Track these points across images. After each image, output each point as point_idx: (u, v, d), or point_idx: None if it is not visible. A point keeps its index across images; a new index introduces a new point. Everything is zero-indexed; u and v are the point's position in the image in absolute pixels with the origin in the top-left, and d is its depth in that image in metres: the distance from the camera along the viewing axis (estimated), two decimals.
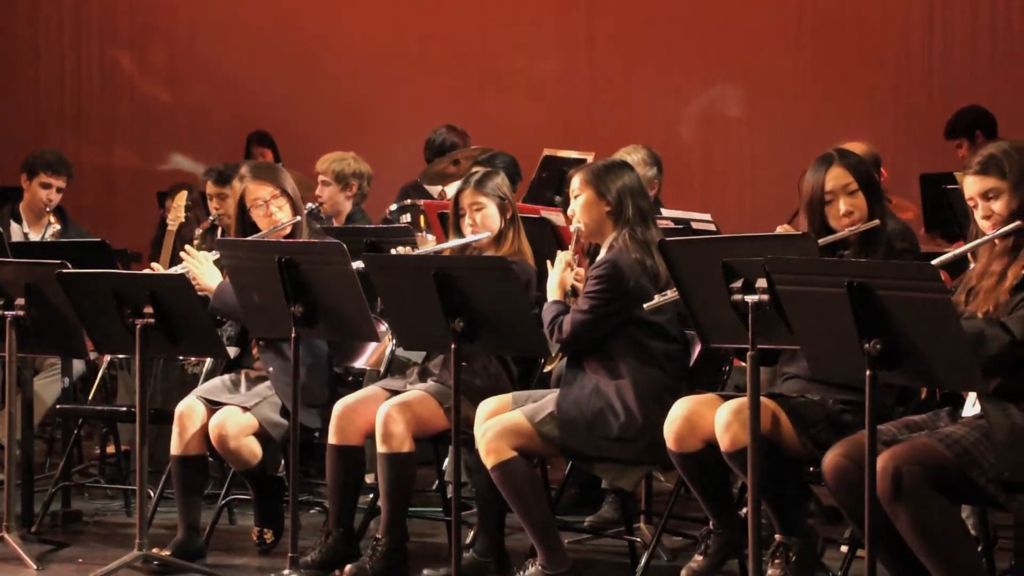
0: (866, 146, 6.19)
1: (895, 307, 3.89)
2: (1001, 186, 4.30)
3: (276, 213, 5.78)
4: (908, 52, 10.46)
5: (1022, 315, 4.15)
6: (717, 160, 10.72)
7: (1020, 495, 4.10)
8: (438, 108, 9.91)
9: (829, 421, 4.66)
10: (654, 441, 4.91)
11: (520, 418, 5.09)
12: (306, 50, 11.02)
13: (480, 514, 5.36)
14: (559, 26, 10.84)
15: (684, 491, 5.23)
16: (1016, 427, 4.13)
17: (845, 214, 4.77)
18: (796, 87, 10.50)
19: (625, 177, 5.22)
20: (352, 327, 5.16)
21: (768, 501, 4.66)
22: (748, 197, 10.51)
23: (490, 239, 5.50)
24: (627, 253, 5.09)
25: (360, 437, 5.44)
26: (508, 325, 4.87)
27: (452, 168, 7.81)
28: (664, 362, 5.12)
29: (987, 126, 8.43)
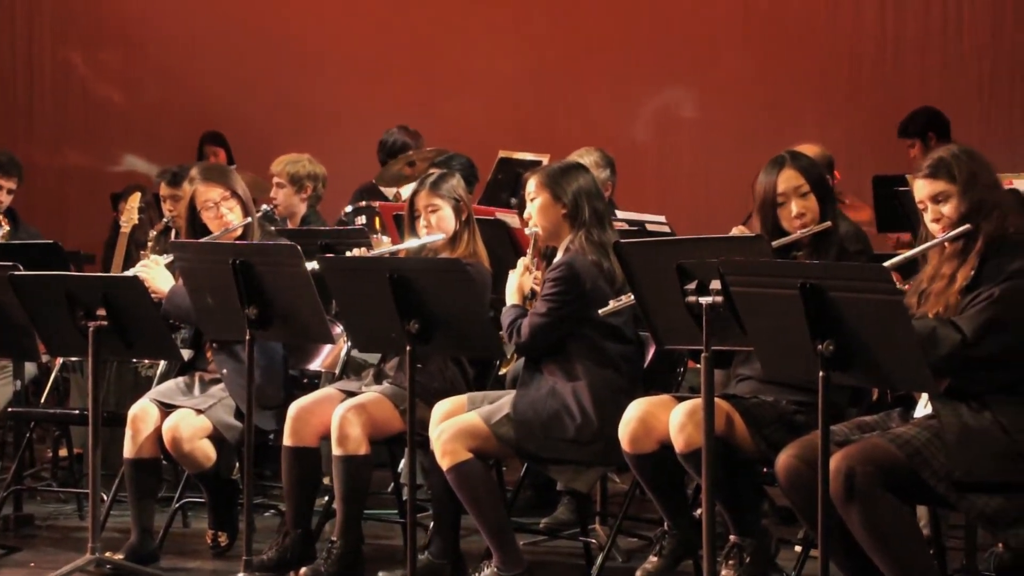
0: (818, 148, 6.23)
1: (847, 308, 3.91)
2: (951, 189, 4.33)
3: (227, 215, 5.76)
4: (860, 54, 10.54)
5: (972, 315, 4.19)
6: (671, 162, 10.75)
7: (970, 495, 4.13)
8: (393, 109, 9.90)
9: (782, 422, 4.69)
10: (609, 443, 4.92)
11: (476, 420, 5.09)
12: (260, 51, 10.98)
13: (435, 516, 5.36)
14: (514, 28, 10.85)
15: (639, 492, 5.25)
16: (967, 427, 4.16)
17: (797, 216, 4.80)
18: (749, 89, 10.55)
19: (581, 179, 5.23)
20: (307, 329, 5.15)
21: (722, 502, 4.68)
22: (702, 199, 10.54)
23: (445, 241, 5.50)
24: (584, 255, 5.10)
25: (315, 439, 5.43)
26: (463, 327, 4.87)
27: (408, 170, 7.81)
28: (620, 363, 5.13)
29: (940, 128, 8.49)
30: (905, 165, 7.88)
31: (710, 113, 10.69)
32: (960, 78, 10.31)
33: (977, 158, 4.39)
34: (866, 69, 10.52)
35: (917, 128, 8.53)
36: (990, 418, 4.18)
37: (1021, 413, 4.19)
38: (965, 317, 4.19)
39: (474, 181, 7.64)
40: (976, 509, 4.15)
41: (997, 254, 4.25)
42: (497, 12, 10.85)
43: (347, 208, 7.52)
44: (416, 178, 6.61)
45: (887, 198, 7.33)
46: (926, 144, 8.37)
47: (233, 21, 11.08)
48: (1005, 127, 10.33)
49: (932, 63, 10.44)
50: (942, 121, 8.54)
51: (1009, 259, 4.22)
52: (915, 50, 10.46)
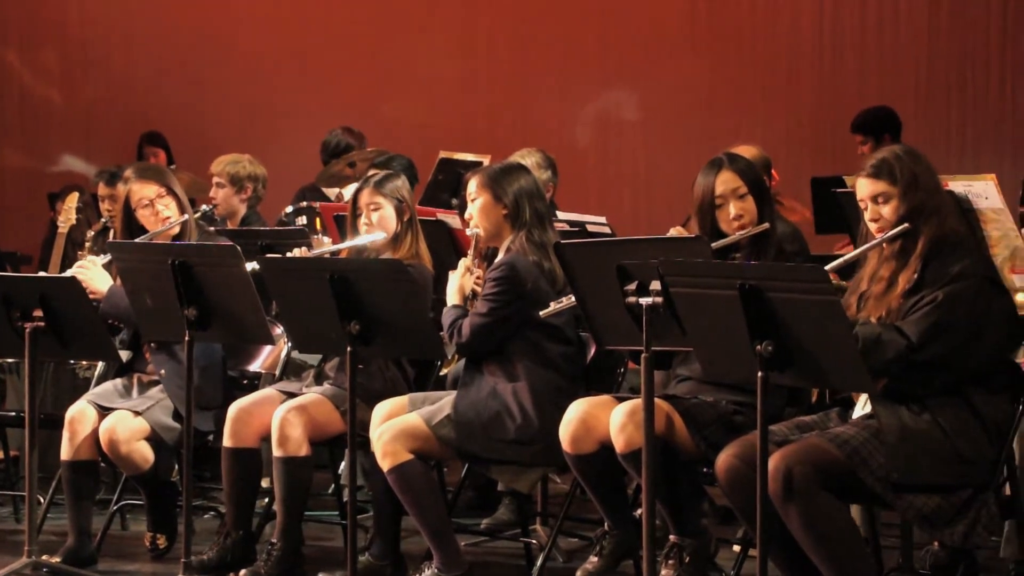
0: (756, 150, 6.26)
1: (786, 309, 3.93)
2: (891, 191, 4.36)
3: (163, 212, 5.73)
4: (799, 57, 10.62)
5: (917, 319, 4.21)
6: (612, 163, 10.79)
7: (908, 495, 4.17)
8: (335, 110, 9.87)
9: (722, 422, 4.71)
10: (550, 443, 4.93)
11: (417, 421, 5.09)
12: (200, 50, 10.92)
13: (376, 517, 5.35)
14: (456, 29, 10.85)
15: (580, 493, 5.26)
16: (906, 428, 4.20)
17: (735, 218, 4.83)
18: (690, 91, 10.60)
19: (522, 180, 5.24)
20: (246, 330, 5.12)
21: (662, 502, 4.70)
22: (643, 200, 10.59)
23: (387, 241, 5.49)
24: (524, 255, 5.11)
25: (255, 439, 5.40)
26: (404, 328, 4.86)
27: (348, 170, 7.79)
28: (560, 364, 5.14)
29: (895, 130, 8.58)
30: (843, 166, 7.94)
31: (651, 115, 10.73)
32: (897, 79, 10.41)
33: (921, 160, 4.42)
34: (804, 71, 10.61)
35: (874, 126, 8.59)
36: (929, 420, 4.21)
37: (960, 415, 4.22)
38: (909, 322, 4.22)
39: (414, 182, 7.63)
40: (914, 509, 4.19)
41: (938, 257, 4.29)
42: (439, 13, 10.85)
43: (288, 208, 7.49)
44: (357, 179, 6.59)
45: (825, 199, 7.38)
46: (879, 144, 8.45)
47: (173, 21, 11.00)
48: (942, 128, 10.44)
49: (869, 64, 10.53)
50: (896, 122, 8.63)
51: (950, 262, 4.25)
52: (852, 52, 10.55)
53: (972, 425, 4.22)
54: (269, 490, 5.55)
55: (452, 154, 7.70)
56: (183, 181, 6.00)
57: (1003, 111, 10.49)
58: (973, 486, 4.20)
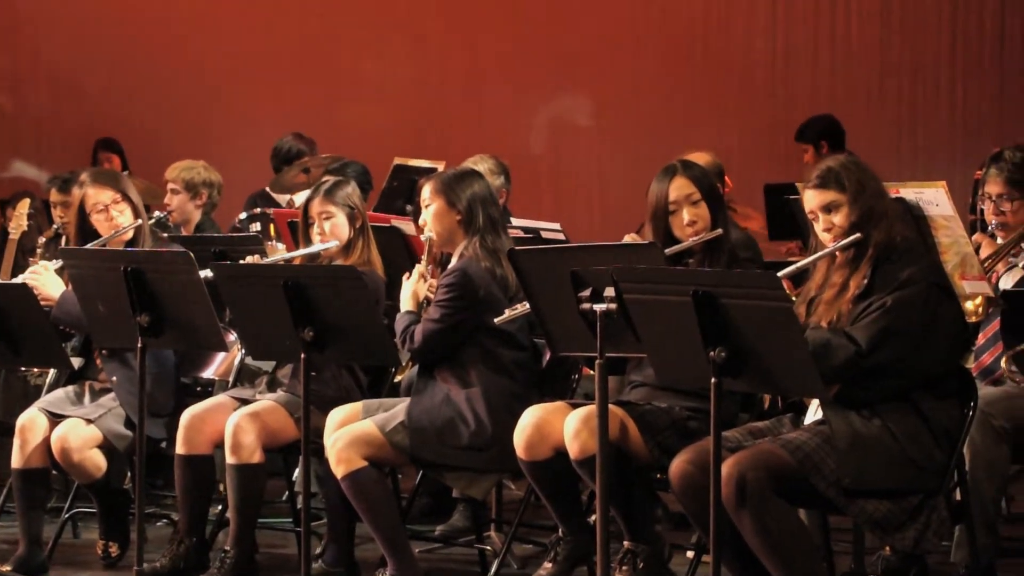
0: (710, 156, 6.28)
1: (739, 315, 3.95)
2: (840, 199, 4.39)
3: (117, 218, 5.71)
4: (752, 64, 10.68)
5: (866, 324, 4.24)
6: (567, 169, 10.81)
7: (859, 500, 4.20)
8: (287, 116, 9.84)
9: (675, 428, 4.73)
10: (504, 449, 4.93)
11: (370, 427, 5.08)
12: (154, 56, 10.86)
13: (330, 524, 5.34)
14: (410, 34, 10.84)
15: (534, 499, 5.26)
16: (857, 434, 4.22)
17: (689, 224, 4.85)
18: (644, 98, 10.64)
19: (475, 186, 5.25)
20: (200, 337, 5.10)
21: (616, 508, 4.71)
22: (597, 207, 10.62)
23: (339, 248, 5.48)
24: (477, 262, 5.11)
25: (208, 446, 5.38)
26: (358, 334, 4.85)
27: (302, 177, 7.77)
28: (514, 370, 5.15)
29: (834, 136, 8.63)
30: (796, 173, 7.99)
31: (605, 121, 10.76)
32: (849, 87, 10.49)
33: (864, 168, 4.46)
34: (757, 78, 10.67)
35: (813, 134, 8.66)
36: (880, 425, 4.24)
37: (910, 421, 4.25)
38: (859, 327, 4.25)
39: (368, 188, 7.62)
40: (865, 514, 4.21)
41: (887, 262, 4.31)
42: (392, 19, 10.84)
43: (241, 215, 7.47)
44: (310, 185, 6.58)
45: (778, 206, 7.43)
46: (818, 151, 8.50)
47: (126, 27, 10.94)
48: (894, 135, 10.53)
49: (822, 72, 10.61)
50: (838, 130, 8.68)
51: (899, 267, 4.28)
52: (805, 60, 10.62)
53: (922, 430, 4.26)
54: (222, 497, 5.53)
55: (406, 160, 7.70)
56: (137, 187, 5.97)
57: (954, 119, 10.59)
58: (923, 491, 4.23)
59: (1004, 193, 5.21)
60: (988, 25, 10.55)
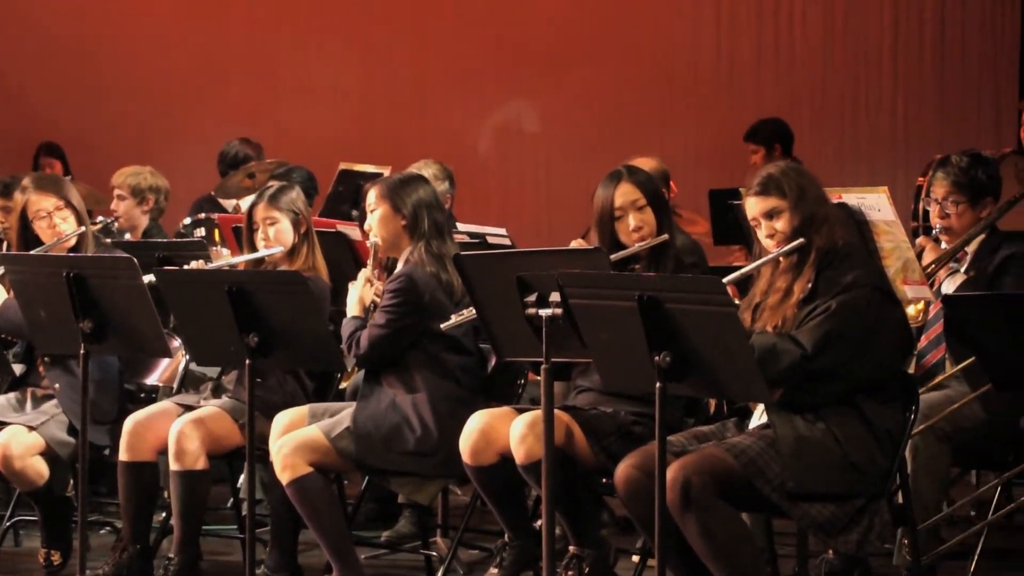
0: (655, 162, 6.31)
1: (684, 320, 3.97)
2: (782, 205, 4.41)
3: (60, 225, 5.67)
4: (697, 70, 10.74)
5: (811, 328, 4.26)
6: (513, 175, 10.83)
7: (803, 503, 4.22)
8: (233, 120, 9.81)
9: (621, 433, 4.74)
10: (450, 455, 4.93)
11: (316, 433, 5.06)
12: (97, 60, 10.79)
13: (274, 530, 5.32)
14: (357, 39, 10.83)
15: (480, 504, 5.26)
16: (801, 438, 4.25)
17: (635, 229, 4.87)
18: (590, 103, 10.68)
19: (421, 191, 5.24)
20: (143, 343, 5.07)
21: (562, 512, 4.71)
22: (544, 212, 10.64)
23: (283, 254, 5.46)
24: (422, 267, 5.11)
25: (152, 453, 5.35)
26: (303, 340, 4.84)
27: (248, 182, 7.74)
28: (460, 375, 5.15)
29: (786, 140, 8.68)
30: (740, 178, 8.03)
31: (551, 127, 10.78)
32: (793, 93, 10.57)
33: (804, 173, 4.50)
34: (703, 84, 10.73)
35: (765, 136, 8.69)
36: (823, 429, 4.26)
37: (853, 424, 4.28)
38: (804, 330, 4.27)
39: (314, 193, 7.60)
40: (808, 517, 4.24)
41: (830, 267, 4.34)
42: (338, 23, 10.82)
43: (185, 220, 7.43)
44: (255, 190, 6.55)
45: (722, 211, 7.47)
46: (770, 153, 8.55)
47: (68, 31, 10.86)
48: (837, 141, 10.61)
49: (765, 79, 10.68)
50: (789, 135, 8.73)
51: (843, 272, 4.31)
52: (749, 66, 10.69)
53: (865, 434, 4.29)
54: (166, 504, 5.50)
55: (352, 165, 7.68)
56: (80, 193, 5.93)
57: (896, 125, 10.69)
58: (866, 494, 4.26)
59: (950, 197, 5.26)
60: (929, 35, 10.66)
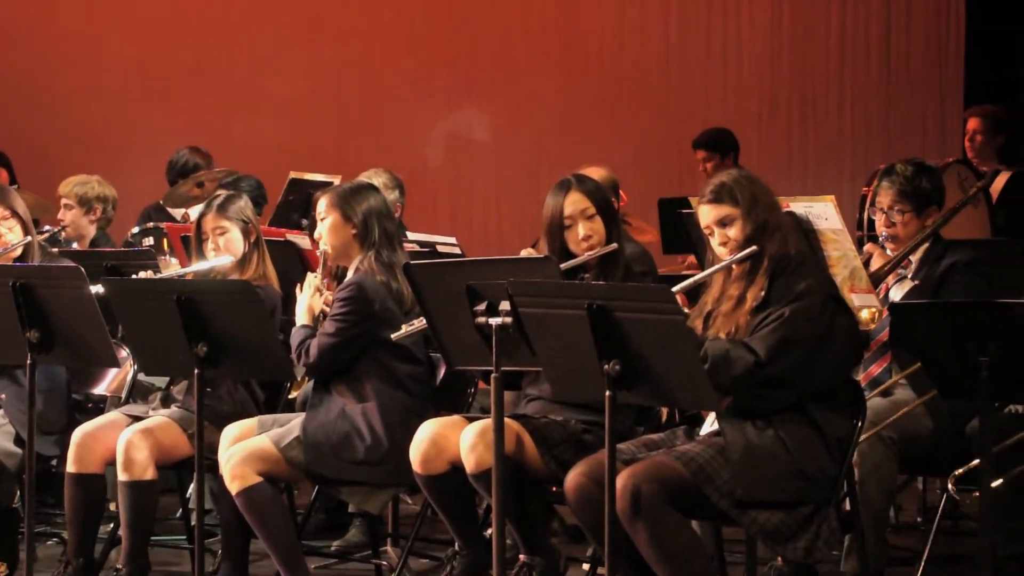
0: (604, 171, 6.33)
1: (633, 329, 3.98)
2: (735, 213, 4.44)
3: (6, 235, 5.64)
4: (646, 80, 10.78)
5: (764, 335, 4.29)
6: (463, 184, 10.83)
7: (752, 511, 4.24)
8: (182, 129, 9.76)
9: (571, 441, 4.75)
10: (400, 464, 4.93)
11: (266, 443, 5.05)
12: (44, 68, 10.70)
13: (224, 541, 5.29)
14: (306, 47, 10.80)
15: (430, 513, 5.26)
16: (750, 445, 4.27)
17: (584, 238, 4.88)
18: (539, 112, 10.70)
19: (371, 199, 5.24)
20: (91, 352, 5.04)
21: (512, 521, 4.72)
22: (494, 221, 10.65)
23: (234, 263, 5.45)
24: (373, 276, 5.10)
25: (100, 465, 5.31)
26: (252, 349, 4.82)
27: (196, 191, 7.71)
28: (410, 384, 5.14)
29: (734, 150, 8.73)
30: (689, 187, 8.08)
31: (501, 136, 10.80)
32: (741, 103, 10.63)
33: (756, 181, 4.52)
34: (651, 94, 10.77)
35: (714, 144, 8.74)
36: (773, 436, 4.28)
37: (803, 432, 4.30)
38: (757, 337, 4.29)
39: (263, 202, 7.59)
40: (757, 525, 4.26)
41: (783, 274, 4.37)
42: (287, 32, 10.79)
43: (134, 229, 7.39)
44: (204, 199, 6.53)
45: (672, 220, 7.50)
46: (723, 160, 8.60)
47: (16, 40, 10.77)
48: (784, 150, 10.68)
49: (714, 88, 10.74)
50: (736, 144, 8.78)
51: (796, 279, 4.34)
52: (698, 76, 10.75)
53: (815, 441, 4.31)
54: (115, 515, 5.46)
55: (302, 174, 7.67)
56: (27, 202, 5.89)
57: (842, 134, 10.78)
58: (814, 502, 4.29)
59: (895, 206, 5.30)
60: (875, 45, 10.75)
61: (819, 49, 10.76)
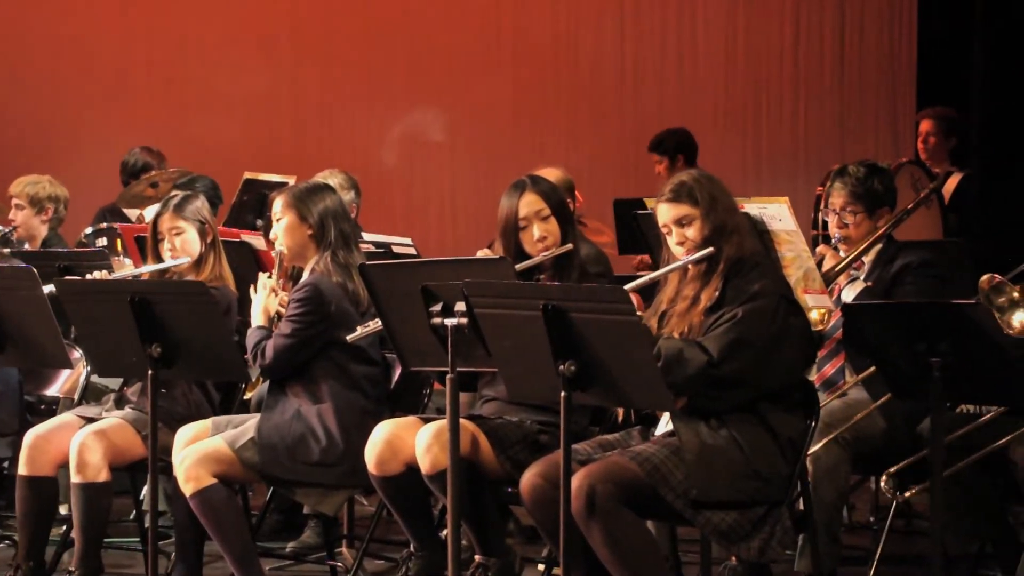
0: (560, 171, 6.34)
1: (588, 329, 3.99)
2: (693, 213, 4.45)
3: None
4: (601, 81, 10.80)
5: (717, 335, 4.30)
6: (419, 184, 10.81)
7: (706, 511, 4.26)
8: (136, 129, 9.70)
9: (526, 442, 4.76)
10: (355, 465, 4.92)
11: (220, 444, 5.03)
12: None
13: (178, 543, 5.26)
14: (261, 47, 10.75)
15: (386, 514, 5.26)
16: (705, 445, 4.28)
17: (539, 239, 4.89)
18: (496, 113, 10.70)
19: (327, 200, 5.23)
20: (44, 354, 5.02)
21: (467, 522, 4.72)
22: (449, 221, 10.64)
23: (190, 264, 5.43)
24: (328, 276, 5.09)
25: (52, 467, 5.28)
26: (207, 350, 4.81)
27: (150, 191, 7.68)
28: (365, 385, 5.14)
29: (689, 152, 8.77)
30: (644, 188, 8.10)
31: (457, 136, 10.79)
32: (696, 104, 10.66)
33: (716, 182, 4.54)
34: (607, 95, 10.79)
35: (670, 146, 8.77)
36: (727, 436, 4.30)
37: (757, 432, 4.32)
38: (710, 337, 4.31)
39: (218, 203, 7.56)
40: (711, 524, 4.27)
41: (738, 275, 4.39)
42: (242, 32, 10.74)
43: (87, 230, 7.35)
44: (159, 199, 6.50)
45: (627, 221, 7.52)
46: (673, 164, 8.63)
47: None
48: (739, 152, 10.72)
49: (669, 90, 10.77)
50: (693, 144, 8.82)
51: (750, 280, 4.36)
52: (653, 76, 10.78)
53: (768, 442, 4.33)
54: (67, 517, 5.43)
55: (257, 175, 7.64)
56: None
57: (796, 136, 10.83)
58: (768, 502, 4.31)
59: (847, 207, 5.33)
60: (828, 47, 10.81)
61: (773, 51, 10.82)
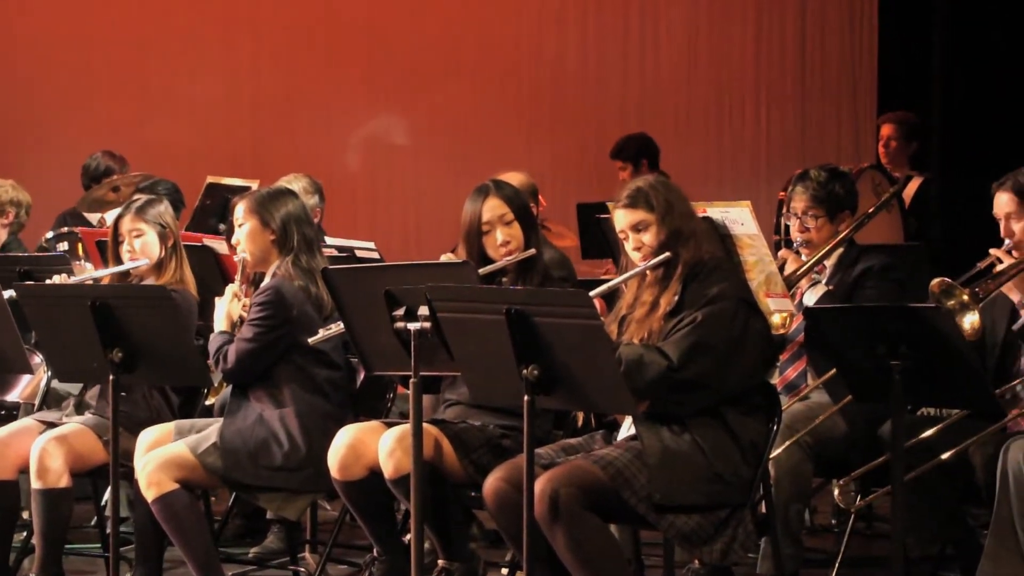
0: (523, 176, 6.35)
1: (551, 333, 4.00)
2: (650, 218, 4.47)
3: None
4: (564, 85, 10.83)
5: (677, 339, 4.32)
6: (382, 188, 10.81)
7: (669, 515, 4.27)
8: (98, 133, 9.65)
9: (490, 446, 4.76)
10: (318, 469, 4.91)
11: (182, 449, 5.01)
12: None
13: (139, 548, 5.24)
14: (222, 50, 10.72)
15: (349, 519, 5.25)
16: (667, 449, 4.30)
17: (502, 244, 4.90)
18: (460, 117, 10.70)
19: (290, 205, 5.22)
20: (4, 359, 4.99)
21: (431, 526, 4.72)
22: (412, 226, 10.64)
23: (150, 267, 5.41)
24: (291, 281, 5.08)
25: (12, 472, 5.25)
26: (169, 355, 4.79)
27: (112, 195, 7.65)
28: (328, 390, 5.13)
29: (652, 156, 8.80)
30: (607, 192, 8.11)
31: (420, 141, 10.79)
32: (658, 108, 10.70)
33: (672, 188, 4.56)
34: (569, 99, 10.81)
35: (631, 153, 8.80)
36: (690, 440, 4.31)
37: (718, 435, 4.34)
38: (670, 342, 4.32)
39: (180, 207, 7.53)
40: (674, 528, 4.28)
41: (697, 279, 4.41)
42: (204, 35, 10.70)
43: (48, 234, 7.31)
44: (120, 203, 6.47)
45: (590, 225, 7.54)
46: (637, 169, 8.66)
47: None
48: (701, 156, 10.77)
49: (631, 93, 10.80)
50: (654, 149, 8.86)
51: (709, 284, 4.38)
52: (615, 81, 10.81)
53: (730, 445, 4.35)
54: (28, 523, 5.40)
55: (219, 179, 7.62)
56: None
57: (759, 140, 10.88)
58: (730, 505, 4.33)
59: (809, 211, 5.36)
60: (790, 52, 10.87)
61: (735, 55, 10.87)
